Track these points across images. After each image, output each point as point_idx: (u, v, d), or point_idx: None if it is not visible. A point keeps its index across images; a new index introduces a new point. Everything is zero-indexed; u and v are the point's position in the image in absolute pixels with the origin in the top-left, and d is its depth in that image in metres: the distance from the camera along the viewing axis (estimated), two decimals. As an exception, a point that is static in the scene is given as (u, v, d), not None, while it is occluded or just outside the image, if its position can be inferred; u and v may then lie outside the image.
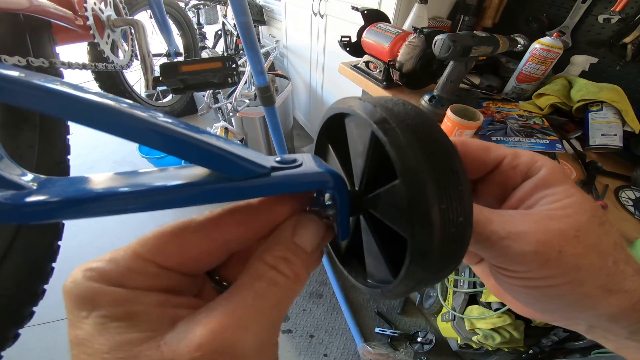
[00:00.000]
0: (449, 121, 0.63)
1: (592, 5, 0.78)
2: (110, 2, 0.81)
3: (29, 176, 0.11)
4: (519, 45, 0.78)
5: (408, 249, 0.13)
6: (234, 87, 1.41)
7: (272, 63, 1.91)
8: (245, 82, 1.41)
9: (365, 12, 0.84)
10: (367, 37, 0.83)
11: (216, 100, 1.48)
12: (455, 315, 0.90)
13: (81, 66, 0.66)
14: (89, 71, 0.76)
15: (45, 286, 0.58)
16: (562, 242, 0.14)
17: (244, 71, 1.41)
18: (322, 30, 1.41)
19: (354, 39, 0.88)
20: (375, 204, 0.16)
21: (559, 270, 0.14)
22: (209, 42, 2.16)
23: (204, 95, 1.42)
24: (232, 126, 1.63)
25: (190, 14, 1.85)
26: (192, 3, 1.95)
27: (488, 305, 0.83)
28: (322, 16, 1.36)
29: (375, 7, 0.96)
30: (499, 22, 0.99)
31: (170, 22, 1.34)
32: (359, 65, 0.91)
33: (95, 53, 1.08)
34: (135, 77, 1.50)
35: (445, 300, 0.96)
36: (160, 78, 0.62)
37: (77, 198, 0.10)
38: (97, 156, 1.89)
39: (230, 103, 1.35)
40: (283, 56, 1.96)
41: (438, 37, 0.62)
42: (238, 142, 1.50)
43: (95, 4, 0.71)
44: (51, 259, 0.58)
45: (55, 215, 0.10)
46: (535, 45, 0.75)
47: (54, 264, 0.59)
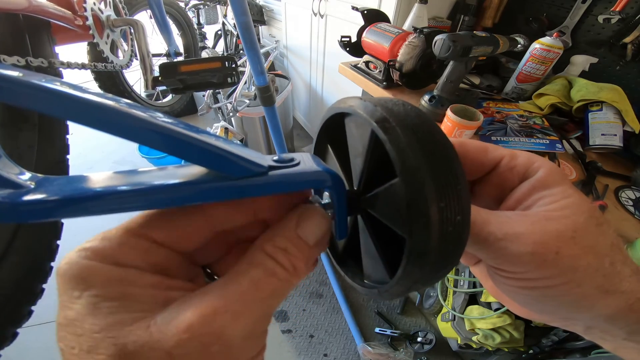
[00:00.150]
0: (449, 121, 0.63)
1: (592, 5, 0.78)
2: (109, 2, 0.81)
3: (27, 175, 0.11)
4: (519, 45, 0.78)
5: (406, 248, 0.13)
6: (234, 87, 1.41)
7: (272, 63, 1.91)
8: (245, 82, 1.41)
9: (365, 12, 0.84)
10: (367, 37, 0.83)
11: (216, 100, 1.48)
12: (455, 315, 0.90)
13: (80, 66, 0.66)
14: (89, 71, 0.77)
15: (44, 285, 0.58)
16: (559, 243, 0.14)
17: (244, 71, 1.41)
18: (322, 30, 1.41)
19: (354, 39, 0.88)
20: (374, 204, 0.16)
21: (556, 271, 0.14)
22: (209, 42, 2.16)
23: (203, 95, 1.42)
24: (232, 126, 1.63)
25: (190, 14, 1.86)
26: (192, 3, 1.96)
27: (488, 305, 0.83)
28: (322, 16, 1.36)
29: (375, 7, 0.96)
30: (499, 22, 0.99)
31: (170, 22, 1.34)
32: (359, 65, 0.91)
33: (95, 53, 1.08)
34: (135, 77, 1.51)
35: (445, 300, 0.96)
36: (160, 78, 0.62)
37: (75, 197, 0.10)
38: (97, 156, 1.89)
39: (230, 103, 1.35)
40: (283, 56, 1.96)
41: (438, 37, 0.62)
42: (238, 141, 1.50)
43: (94, 4, 0.72)
44: (50, 258, 0.59)
45: (53, 214, 0.10)
46: (535, 45, 0.75)
47: (52, 264, 0.59)
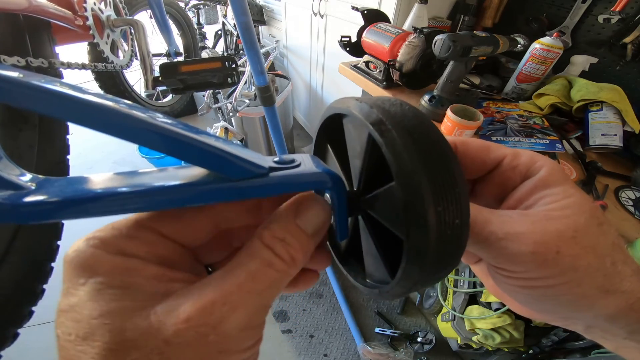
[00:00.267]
0: (449, 121, 0.63)
1: (592, 5, 0.78)
2: (110, 2, 0.81)
3: (28, 176, 0.11)
4: (519, 45, 0.78)
5: (404, 250, 0.13)
6: (234, 87, 1.41)
7: (272, 63, 1.91)
8: (245, 82, 1.41)
9: (365, 12, 0.84)
10: (367, 37, 0.83)
11: (216, 100, 1.48)
12: (455, 315, 0.90)
13: (81, 66, 0.66)
14: (89, 71, 0.76)
15: (45, 286, 0.58)
16: (559, 243, 0.14)
17: (244, 71, 1.41)
18: (322, 30, 1.41)
19: (354, 39, 0.88)
20: (373, 205, 0.16)
21: (557, 271, 0.14)
22: (209, 42, 2.16)
23: (203, 96, 1.42)
24: (232, 126, 1.63)
25: (190, 14, 1.86)
26: (192, 3, 1.95)
27: (488, 305, 0.83)
28: (322, 16, 1.36)
29: (375, 7, 0.96)
30: (499, 22, 0.99)
31: (170, 22, 1.34)
32: (359, 65, 0.91)
33: (95, 53, 1.08)
34: (135, 77, 1.50)
35: (445, 300, 0.96)
36: (160, 78, 0.62)
37: (76, 198, 0.10)
38: (97, 156, 1.89)
39: (230, 103, 1.35)
40: (283, 56, 1.96)
41: (438, 37, 0.62)
42: (238, 142, 1.50)
43: (94, 4, 0.71)
44: (50, 258, 0.58)
45: (53, 215, 0.10)
46: (535, 45, 0.74)
47: (53, 264, 0.59)
